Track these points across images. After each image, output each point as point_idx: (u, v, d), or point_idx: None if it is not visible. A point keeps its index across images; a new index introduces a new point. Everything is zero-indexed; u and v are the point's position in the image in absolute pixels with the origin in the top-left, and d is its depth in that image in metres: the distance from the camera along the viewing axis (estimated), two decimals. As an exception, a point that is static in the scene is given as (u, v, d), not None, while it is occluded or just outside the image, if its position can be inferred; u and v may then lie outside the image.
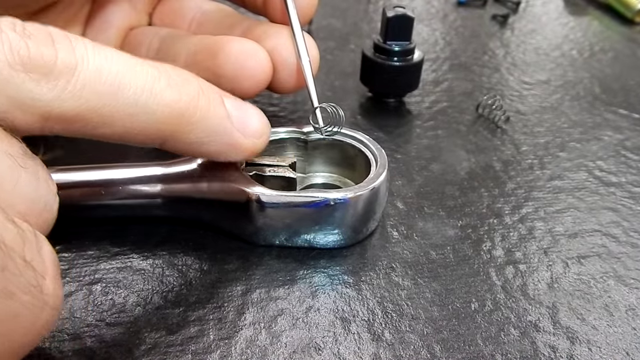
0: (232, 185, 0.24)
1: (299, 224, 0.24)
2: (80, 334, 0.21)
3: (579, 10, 0.59)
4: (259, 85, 0.28)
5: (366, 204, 0.24)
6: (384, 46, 0.36)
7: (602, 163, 0.33)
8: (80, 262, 0.24)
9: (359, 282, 0.24)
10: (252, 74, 0.28)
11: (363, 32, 0.50)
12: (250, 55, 0.28)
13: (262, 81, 0.28)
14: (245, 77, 0.28)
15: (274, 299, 0.23)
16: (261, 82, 0.28)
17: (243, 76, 0.28)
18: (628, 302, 0.24)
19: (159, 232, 0.26)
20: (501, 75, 0.43)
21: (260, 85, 0.28)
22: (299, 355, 0.21)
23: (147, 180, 0.25)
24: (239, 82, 0.28)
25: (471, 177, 0.31)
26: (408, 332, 0.22)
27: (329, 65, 0.42)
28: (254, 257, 0.25)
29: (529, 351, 0.22)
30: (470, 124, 0.36)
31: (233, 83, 0.27)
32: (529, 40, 0.50)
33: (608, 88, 0.42)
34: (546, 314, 0.23)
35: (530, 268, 0.25)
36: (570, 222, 0.28)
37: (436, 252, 0.26)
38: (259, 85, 0.28)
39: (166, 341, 0.21)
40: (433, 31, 0.51)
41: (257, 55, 0.28)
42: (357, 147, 0.27)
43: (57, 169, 0.25)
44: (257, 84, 0.28)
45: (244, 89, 0.28)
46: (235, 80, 0.28)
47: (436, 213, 0.28)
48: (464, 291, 0.24)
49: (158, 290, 0.23)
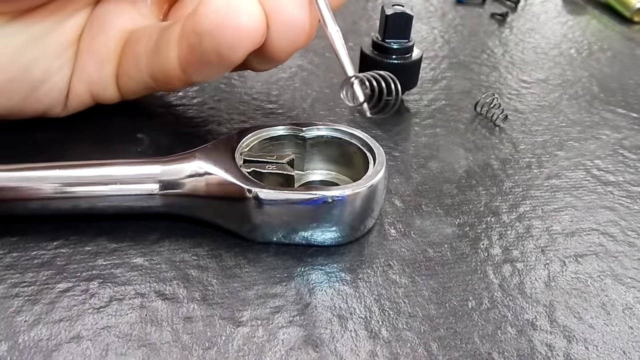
0: (230, 182, 0.24)
1: (297, 221, 0.24)
2: (78, 331, 0.21)
3: (578, 9, 0.59)
4: (246, 43, 0.24)
5: (364, 201, 0.24)
6: (382, 44, 0.35)
7: (600, 162, 0.33)
8: (77, 258, 0.24)
9: (357, 279, 0.24)
10: (235, 26, 0.24)
11: (362, 29, 0.50)
12: (230, 4, 0.24)
13: (249, 38, 0.24)
14: (227, 30, 0.24)
15: (271, 295, 0.23)
16: (247, 39, 0.24)
17: (224, 30, 0.24)
18: (625, 301, 0.24)
19: (156, 229, 0.26)
20: (499, 73, 0.43)
21: (247, 43, 0.24)
22: (295, 352, 0.21)
23: (146, 177, 0.25)
24: (220, 38, 0.24)
25: (469, 176, 0.31)
26: (405, 330, 0.22)
27: (327, 63, 0.42)
28: (252, 254, 0.25)
29: (526, 349, 0.22)
30: (469, 122, 0.36)
31: (214, 40, 0.24)
32: (527, 39, 0.50)
33: (606, 87, 0.42)
34: (543, 312, 0.23)
35: (527, 266, 0.25)
36: (567, 220, 0.28)
37: (434, 250, 0.26)
38: (246, 43, 0.24)
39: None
40: (432, 29, 0.51)
41: (240, 4, 0.24)
42: (355, 145, 0.27)
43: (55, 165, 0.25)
44: (244, 41, 0.24)
45: (227, 47, 0.24)
46: (216, 36, 0.24)
47: (434, 211, 0.28)
48: (461, 289, 0.24)
49: (155, 286, 0.23)
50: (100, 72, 0.30)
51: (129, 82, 0.30)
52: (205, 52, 0.25)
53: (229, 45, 0.24)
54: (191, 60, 0.26)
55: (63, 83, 0.30)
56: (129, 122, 0.33)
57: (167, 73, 0.28)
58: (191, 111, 0.35)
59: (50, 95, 0.30)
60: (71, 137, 0.31)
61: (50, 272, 0.23)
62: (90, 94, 0.31)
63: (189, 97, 0.36)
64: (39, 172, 0.24)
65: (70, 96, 0.30)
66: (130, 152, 0.31)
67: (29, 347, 0.20)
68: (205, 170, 0.24)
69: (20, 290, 0.23)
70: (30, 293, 0.23)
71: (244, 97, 0.37)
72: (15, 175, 0.24)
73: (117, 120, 0.33)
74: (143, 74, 0.29)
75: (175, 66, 0.27)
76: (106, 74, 0.30)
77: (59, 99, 0.30)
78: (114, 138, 0.32)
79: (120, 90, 0.31)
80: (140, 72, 0.29)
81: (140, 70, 0.29)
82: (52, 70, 0.29)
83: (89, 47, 0.30)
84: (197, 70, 0.27)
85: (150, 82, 0.29)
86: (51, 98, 0.30)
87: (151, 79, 0.29)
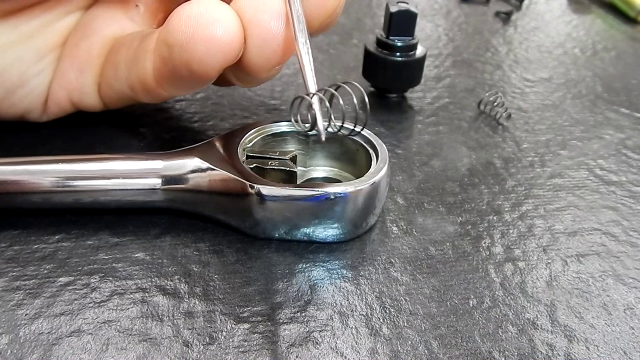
0: (232, 178, 0.24)
1: (299, 218, 0.24)
2: (79, 325, 0.21)
3: (582, 9, 0.59)
4: (219, 57, 0.22)
5: (366, 198, 0.24)
6: (386, 41, 0.35)
7: (602, 162, 0.33)
8: (79, 251, 0.24)
9: (358, 276, 0.24)
10: (207, 39, 0.22)
11: (366, 27, 0.49)
12: (203, 15, 0.22)
13: (223, 52, 0.22)
14: (199, 43, 0.22)
15: (272, 292, 0.23)
16: (221, 53, 0.22)
17: (195, 43, 0.22)
18: (626, 301, 0.24)
19: (158, 224, 0.26)
20: (503, 72, 0.43)
21: (220, 57, 0.22)
22: (296, 349, 0.21)
23: (148, 172, 0.25)
24: (191, 52, 0.22)
25: (472, 174, 0.31)
26: (406, 328, 0.22)
27: (331, 60, 0.42)
28: (254, 250, 0.25)
29: (527, 349, 0.22)
30: (472, 120, 0.36)
31: (184, 53, 0.22)
32: (531, 38, 0.50)
33: (610, 87, 0.42)
34: (544, 311, 0.23)
35: (529, 265, 0.25)
36: (570, 220, 0.28)
37: (435, 248, 0.26)
38: (219, 57, 0.22)
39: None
40: (436, 27, 0.51)
41: (215, 15, 0.22)
42: (358, 142, 0.27)
43: (57, 159, 0.25)
44: (217, 55, 0.22)
45: (198, 61, 0.22)
46: (186, 49, 0.22)
47: (436, 209, 0.28)
48: (463, 287, 0.24)
49: (157, 281, 0.23)
50: (81, 79, 0.29)
51: (109, 91, 0.29)
52: (176, 66, 0.23)
53: (199, 59, 0.22)
54: (164, 73, 0.25)
55: (41, 88, 0.29)
56: (131, 117, 0.33)
57: (144, 84, 0.26)
58: (194, 106, 0.35)
59: (27, 100, 0.28)
60: (74, 131, 0.31)
61: (52, 265, 0.24)
62: (70, 101, 0.29)
63: (192, 93, 0.36)
64: (42, 166, 0.24)
65: (49, 102, 0.29)
66: (132, 147, 0.31)
67: (30, 341, 0.20)
68: (208, 165, 0.24)
69: (21, 283, 0.23)
70: (31, 286, 0.23)
71: (248, 93, 0.37)
72: (18, 168, 0.24)
73: (120, 114, 0.33)
74: (122, 84, 0.27)
75: (151, 78, 0.25)
76: (87, 81, 0.29)
77: (37, 104, 0.29)
78: (116, 132, 0.32)
79: (102, 99, 0.29)
80: (119, 81, 0.27)
81: (119, 80, 0.27)
82: (29, 75, 0.28)
83: (70, 53, 0.29)
84: (171, 84, 0.25)
85: (130, 92, 0.28)
86: (28, 102, 0.29)
87: (130, 90, 0.27)
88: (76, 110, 0.30)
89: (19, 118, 0.30)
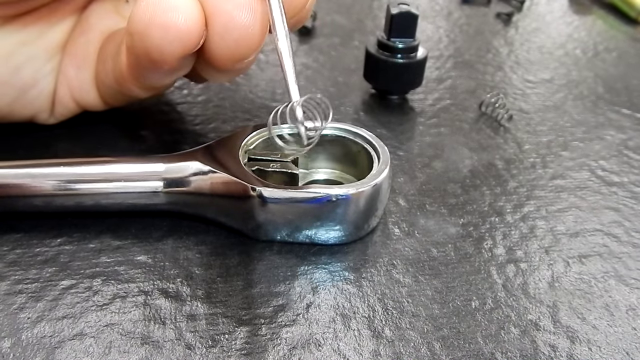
0: (234, 180, 0.24)
1: (301, 220, 0.24)
2: (82, 329, 0.21)
3: (584, 10, 0.59)
4: (177, 45, 0.22)
5: (368, 200, 0.24)
6: (387, 43, 0.35)
7: (604, 163, 0.33)
8: (81, 255, 0.24)
9: (360, 278, 0.24)
10: (163, 25, 0.21)
11: (367, 28, 0.49)
12: (162, 1, 0.22)
13: (180, 39, 0.22)
14: (155, 30, 0.21)
15: (274, 294, 0.23)
16: (178, 40, 0.22)
17: (151, 29, 0.22)
18: (629, 302, 0.24)
19: (160, 226, 0.26)
20: (504, 73, 0.43)
21: (178, 45, 0.22)
22: (298, 351, 0.21)
23: (150, 175, 0.25)
24: (148, 39, 0.22)
25: (473, 175, 0.31)
26: (408, 330, 0.22)
27: (332, 62, 0.42)
28: (255, 253, 0.25)
29: (529, 350, 0.22)
30: (473, 122, 0.36)
31: (142, 41, 0.22)
32: (532, 39, 0.50)
33: (611, 87, 0.42)
34: (547, 312, 0.23)
35: (531, 267, 0.25)
36: (571, 221, 0.28)
37: (437, 249, 0.26)
38: (177, 45, 0.22)
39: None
40: (437, 28, 0.51)
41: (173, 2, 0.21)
42: (359, 144, 0.27)
43: (59, 162, 0.25)
44: (174, 43, 0.22)
45: (156, 49, 0.22)
46: (144, 36, 0.22)
47: (438, 210, 0.28)
48: (465, 289, 0.24)
49: (159, 284, 0.23)
50: (80, 76, 0.29)
51: (103, 87, 0.29)
52: (138, 55, 0.23)
53: (157, 47, 0.22)
54: (132, 64, 0.25)
55: (50, 88, 0.29)
56: (133, 120, 0.33)
57: (121, 78, 0.26)
58: (196, 109, 0.35)
59: (38, 100, 0.29)
60: (75, 134, 0.31)
61: (54, 269, 0.24)
62: (73, 99, 0.30)
63: (193, 95, 0.36)
64: (43, 169, 0.25)
65: (56, 102, 0.30)
66: (134, 150, 0.31)
67: (32, 344, 0.20)
68: (210, 168, 0.24)
69: (23, 287, 0.23)
70: (33, 290, 0.23)
71: (249, 96, 0.37)
72: (20, 172, 0.24)
73: (122, 117, 0.33)
74: (110, 79, 0.27)
75: (126, 71, 0.26)
76: (86, 78, 0.29)
77: (46, 104, 0.29)
78: (118, 135, 0.32)
79: (101, 96, 0.30)
80: (108, 76, 0.28)
81: (107, 75, 0.28)
82: (40, 74, 0.28)
83: (70, 50, 0.29)
84: (140, 75, 0.25)
85: (117, 87, 0.28)
86: (39, 103, 0.29)
87: (116, 84, 0.27)
88: (81, 110, 0.31)
89: (29, 119, 0.30)
